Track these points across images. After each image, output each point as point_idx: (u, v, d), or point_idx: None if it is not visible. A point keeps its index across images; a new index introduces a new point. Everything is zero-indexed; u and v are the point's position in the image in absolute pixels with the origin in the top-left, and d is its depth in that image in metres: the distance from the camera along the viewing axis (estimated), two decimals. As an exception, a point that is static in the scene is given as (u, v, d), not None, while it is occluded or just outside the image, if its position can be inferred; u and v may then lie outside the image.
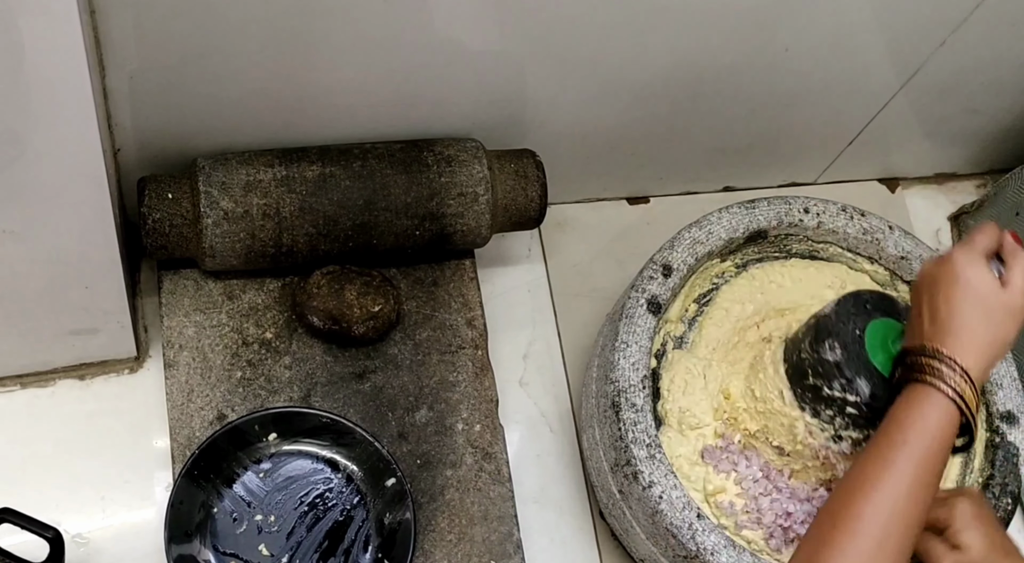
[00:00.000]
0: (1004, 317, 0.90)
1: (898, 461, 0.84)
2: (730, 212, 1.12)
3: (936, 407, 0.86)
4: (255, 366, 1.12)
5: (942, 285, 0.90)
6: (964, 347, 0.88)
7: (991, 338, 0.89)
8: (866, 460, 0.86)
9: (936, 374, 0.87)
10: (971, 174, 1.51)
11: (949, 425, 0.86)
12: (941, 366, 0.87)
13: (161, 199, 1.06)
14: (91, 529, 1.10)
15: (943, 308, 0.90)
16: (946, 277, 0.90)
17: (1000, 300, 0.89)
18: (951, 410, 0.86)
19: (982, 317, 0.89)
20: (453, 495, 1.12)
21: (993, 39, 1.19)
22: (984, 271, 0.90)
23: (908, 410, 0.87)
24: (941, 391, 0.87)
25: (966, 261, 0.90)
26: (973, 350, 0.88)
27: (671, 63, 1.13)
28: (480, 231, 1.14)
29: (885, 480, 0.84)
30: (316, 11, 0.95)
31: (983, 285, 0.89)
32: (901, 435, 0.86)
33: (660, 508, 0.99)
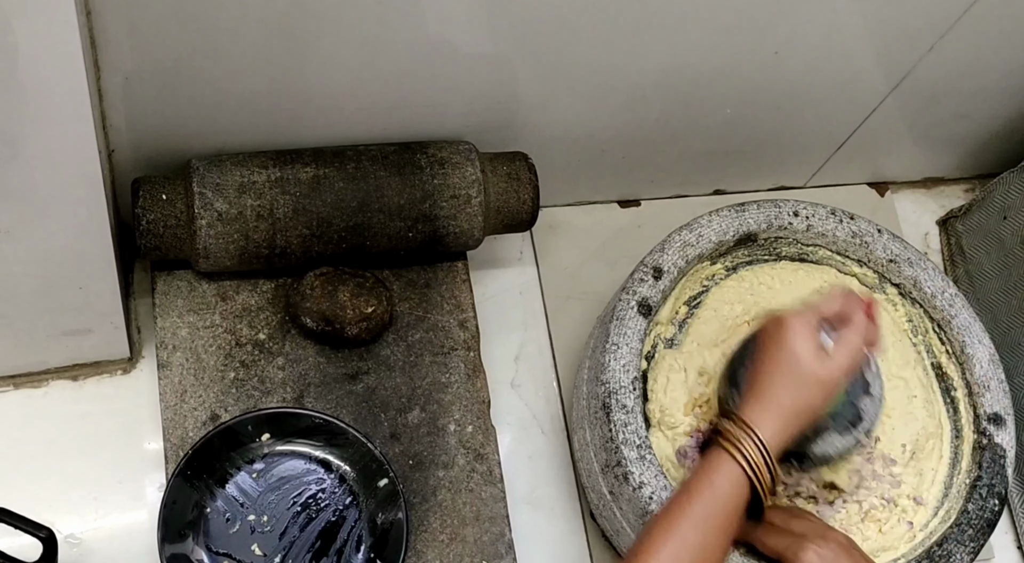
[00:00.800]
0: (813, 388, 0.91)
1: (683, 525, 0.86)
2: (720, 215, 1.12)
3: (727, 474, 0.88)
4: (248, 367, 1.12)
5: (767, 345, 0.92)
6: (767, 415, 0.90)
7: (797, 407, 0.91)
8: (656, 520, 0.88)
9: (732, 441, 0.89)
10: (959, 178, 1.52)
11: (738, 493, 0.88)
12: (739, 433, 0.89)
13: (155, 200, 1.06)
14: (84, 529, 1.10)
15: (760, 370, 0.92)
16: (772, 338, 0.92)
17: (814, 370, 0.91)
18: (742, 478, 0.88)
19: (791, 385, 0.91)
20: (445, 496, 1.12)
21: (981, 44, 1.20)
22: (807, 339, 0.91)
23: (701, 474, 0.89)
24: (734, 459, 0.88)
25: (796, 329, 0.91)
26: (776, 418, 0.90)
27: (662, 67, 1.14)
28: (473, 233, 1.15)
29: (670, 543, 0.85)
30: (309, 13, 0.96)
31: (802, 353, 0.91)
32: (688, 500, 0.87)
33: (650, 509, 1.00)
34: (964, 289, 1.37)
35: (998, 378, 1.11)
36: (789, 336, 0.91)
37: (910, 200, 1.50)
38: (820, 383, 0.91)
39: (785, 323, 0.92)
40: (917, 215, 1.49)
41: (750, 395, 0.92)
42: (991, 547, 1.29)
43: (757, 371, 0.93)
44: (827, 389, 0.92)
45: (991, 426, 1.10)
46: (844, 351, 0.93)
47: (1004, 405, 1.11)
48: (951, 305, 1.13)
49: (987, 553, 1.29)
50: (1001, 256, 1.33)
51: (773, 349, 0.92)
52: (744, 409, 0.91)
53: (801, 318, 0.92)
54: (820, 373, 0.91)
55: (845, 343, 0.93)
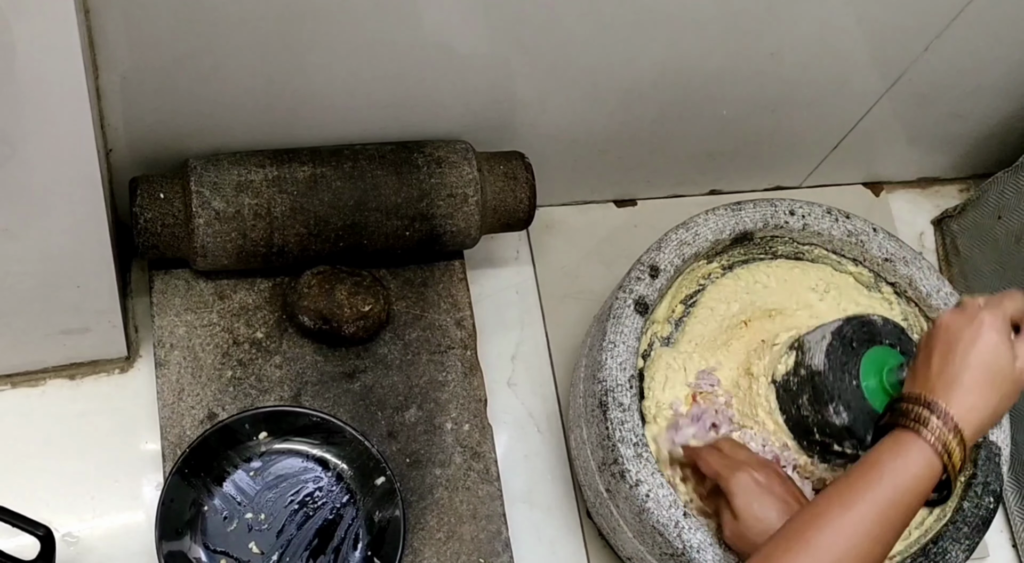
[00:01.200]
0: (1010, 389, 0.89)
1: (865, 501, 0.84)
2: (716, 214, 1.13)
3: (919, 457, 0.85)
4: (246, 365, 1.12)
5: (962, 341, 0.89)
6: (966, 407, 0.87)
7: (993, 406, 0.89)
8: (835, 491, 0.86)
9: (927, 425, 0.86)
10: (954, 178, 1.53)
11: (928, 478, 0.86)
12: (934, 418, 0.86)
13: (153, 199, 1.06)
14: (81, 528, 1.10)
15: (957, 363, 0.89)
16: (968, 334, 0.89)
17: (1013, 371, 0.89)
18: (934, 464, 0.85)
19: (992, 383, 0.88)
20: (442, 494, 1.13)
21: (975, 45, 1.20)
22: (1006, 339, 0.89)
23: (889, 454, 0.87)
24: (928, 442, 0.86)
25: (992, 325, 0.89)
26: (974, 413, 0.87)
27: (659, 67, 1.14)
28: (469, 232, 1.15)
29: (847, 516, 0.83)
30: (307, 13, 0.96)
31: (1002, 353, 0.88)
32: (876, 476, 0.85)
33: (647, 506, 1.00)
34: (959, 288, 1.37)
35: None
36: (990, 335, 0.89)
37: (905, 200, 1.50)
38: (1017, 385, 0.89)
39: (982, 320, 0.89)
40: (912, 215, 1.49)
41: (950, 387, 0.88)
42: (986, 545, 1.30)
43: (953, 363, 0.89)
44: (1019, 391, 0.90)
45: (986, 424, 1.10)
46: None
47: (999, 404, 1.11)
48: (946, 304, 1.14)
49: (982, 551, 1.29)
50: (996, 256, 1.34)
51: (972, 346, 0.89)
52: (946, 398, 0.88)
53: (996, 317, 0.90)
54: (1019, 374, 0.89)
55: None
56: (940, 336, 0.91)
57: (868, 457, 0.87)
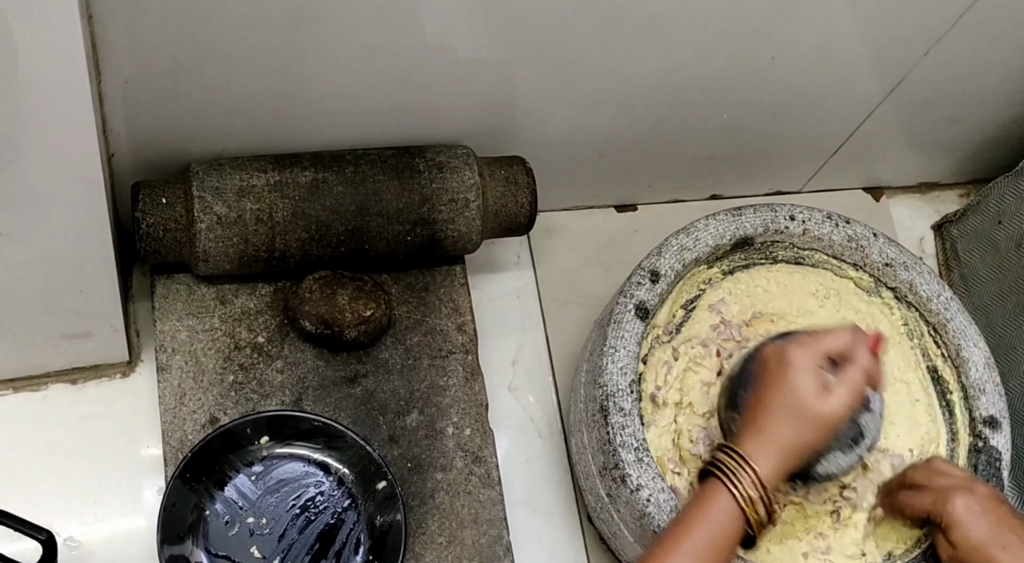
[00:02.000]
0: (815, 427, 0.91)
1: (679, 556, 0.87)
2: (717, 219, 1.13)
3: (723, 506, 0.89)
4: (247, 370, 1.13)
5: (768, 380, 0.92)
6: (765, 450, 0.90)
7: (796, 445, 0.91)
8: (653, 549, 0.88)
9: (729, 473, 0.89)
10: (954, 183, 1.53)
11: (732, 525, 0.89)
12: (736, 467, 0.89)
13: (155, 204, 1.07)
14: (83, 532, 1.10)
15: (763, 406, 0.92)
16: (776, 373, 0.91)
17: (815, 409, 0.90)
18: (736, 511, 0.88)
19: (793, 423, 0.90)
20: (443, 498, 1.13)
21: (976, 50, 1.20)
22: (809, 377, 0.90)
23: (697, 503, 0.90)
24: (730, 492, 0.89)
25: (800, 364, 0.91)
26: (773, 454, 0.90)
27: (659, 73, 1.14)
28: (471, 237, 1.15)
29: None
30: (309, 19, 0.96)
31: (806, 392, 0.90)
32: (684, 531, 0.88)
33: (648, 511, 1.00)
34: (959, 293, 1.37)
35: (993, 381, 1.12)
36: (792, 374, 0.90)
37: (905, 205, 1.50)
38: (823, 423, 0.90)
39: (789, 359, 0.91)
40: (912, 220, 1.49)
41: (750, 428, 0.92)
42: (986, 550, 1.30)
43: (757, 404, 0.92)
44: (829, 428, 0.91)
45: (987, 429, 1.10)
46: (847, 391, 0.91)
47: (999, 408, 1.11)
48: (946, 309, 1.14)
49: (982, 556, 1.29)
50: (996, 260, 1.34)
51: (775, 384, 0.91)
52: (743, 443, 0.91)
53: (805, 354, 0.91)
54: (823, 413, 0.90)
55: (849, 382, 0.91)
56: (757, 371, 0.94)
57: (684, 508, 0.92)
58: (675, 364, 1.10)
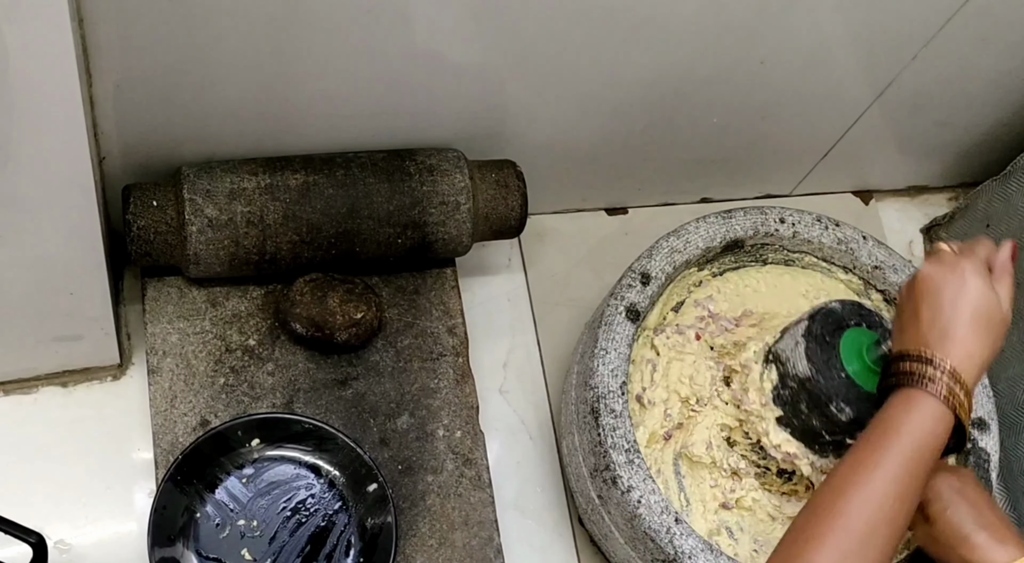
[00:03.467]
0: (999, 331, 0.91)
1: (888, 462, 0.84)
2: (707, 222, 1.13)
3: (930, 411, 0.86)
4: (238, 372, 1.13)
5: (947, 292, 0.90)
6: (962, 355, 0.88)
7: (987, 350, 0.90)
8: (855, 458, 0.86)
9: (932, 379, 0.87)
10: (943, 187, 1.54)
11: (941, 430, 0.86)
12: (937, 372, 0.87)
13: (146, 206, 1.07)
14: (74, 535, 1.10)
15: (947, 315, 0.89)
16: (953, 283, 0.90)
17: (1000, 313, 0.90)
18: (945, 415, 0.86)
19: (983, 328, 0.89)
20: (434, 500, 1.13)
21: (963, 54, 1.21)
22: (989, 285, 0.90)
23: (901, 413, 0.87)
24: (935, 396, 0.86)
25: (975, 270, 0.90)
26: (971, 360, 0.88)
27: (649, 76, 1.15)
28: (461, 240, 1.16)
29: (874, 480, 0.83)
30: (300, 22, 0.96)
31: (988, 298, 0.90)
32: (894, 436, 0.85)
33: (639, 512, 1.01)
34: (948, 296, 1.38)
35: (982, 383, 1.13)
36: (975, 282, 0.90)
37: (894, 208, 1.51)
38: (1007, 325, 0.91)
39: (963, 269, 0.90)
40: (901, 223, 1.50)
41: (944, 339, 0.89)
42: (975, 551, 1.30)
43: (943, 315, 0.90)
44: (1005, 331, 0.92)
45: (975, 431, 1.11)
46: (1009, 294, 0.92)
47: (988, 410, 1.12)
48: (935, 311, 1.14)
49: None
50: (984, 263, 1.34)
51: (960, 296, 0.89)
52: (943, 351, 0.88)
53: (978, 265, 0.91)
54: (1007, 318, 0.91)
55: (1008, 286, 0.92)
56: (923, 288, 0.92)
57: (881, 420, 0.88)
58: (658, 360, 1.10)
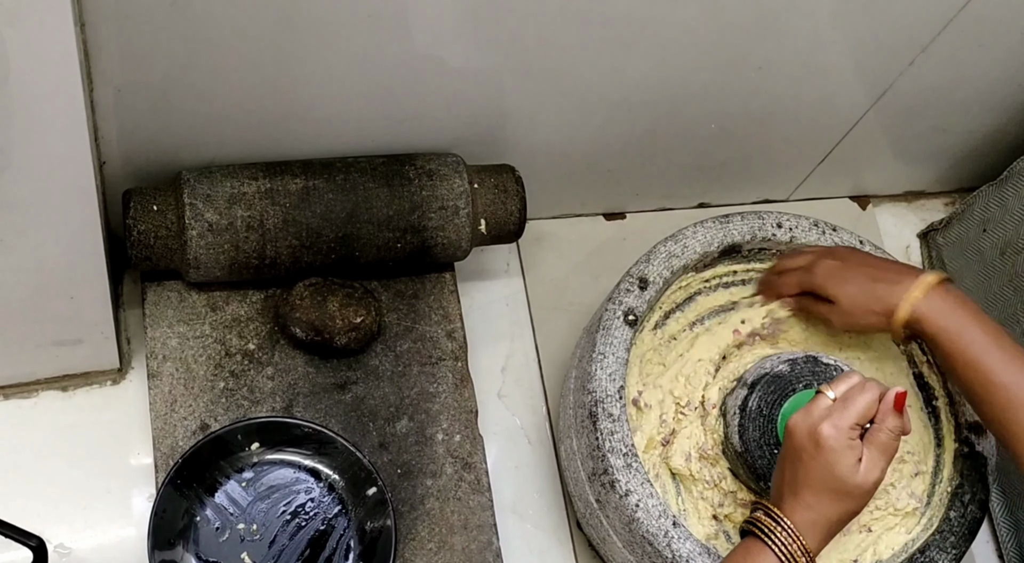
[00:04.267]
0: (859, 499, 0.92)
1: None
2: (705, 226, 1.14)
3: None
4: (238, 377, 1.13)
5: (803, 454, 0.92)
6: (808, 521, 0.91)
7: (839, 518, 0.92)
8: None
9: (774, 536, 0.91)
10: (940, 192, 1.54)
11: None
12: (779, 530, 0.91)
13: (146, 211, 1.07)
14: (74, 539, 1.10)
15: (799, 478, 0.92)
16: (809, 449, 0.92)
17: (858, 484, 0.91)
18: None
19: (831, 496, 0.91)
20: (433, 504, 1.13)
21: (960, 60, 1.21)
22: (846, 456, 0.91)
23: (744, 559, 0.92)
24: (775, 553, 0.90)
25: (833, 439, 0.91)
26: (816, 526, 0.91)
27: (647, 81, 1.15)
28: (460, 244, 1.16)
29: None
30: (300, 28, 0.97)
31: (841, 468, 0.91)
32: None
33: (637, 516, 1.01)
34: (945, 301, 1.38)
35: (980, 387, 1.13)
36: (830, 456, 0.91)
37: (891, 213, 1.51)
38: (866, 493, 0.92)
39: (823, 442, 0.91)
40: (898, 228, 1.50)
41: (794, 502, 0.92)
42: (972, 556, 1.30)
43: (796, 477, 0.92)
44: (870, 495, 0.93)
45: (972, 435, 1.11)
46: (883, 456, 0.92)
47: (984, 414, 1.12)
48: (932, 316, 1.15)
49: (967, 561, 1.30)
50: (981, 269, 1.35)
51: (811, 462, 0.91)
52: (791, 514, 0.91)
53: (838, 434, 0.91)
54: (866, 485, 0.91)
55: (882, 447, 0.92)
56: (789, 443, 0.94)
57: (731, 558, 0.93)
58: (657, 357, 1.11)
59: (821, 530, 0.91)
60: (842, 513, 0.92)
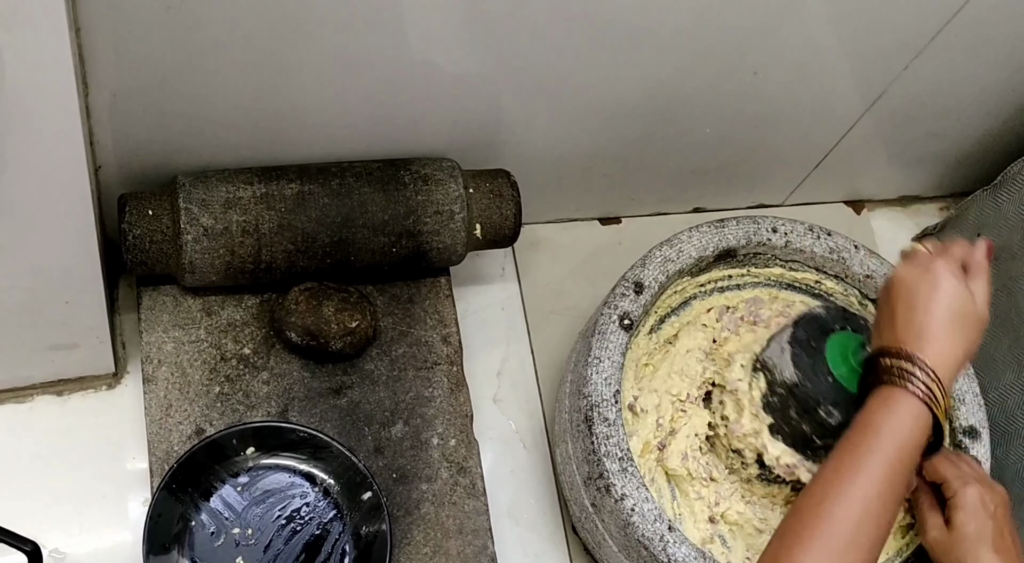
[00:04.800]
0: (975, 329, 0.93)
1: (870, 463, 0.85)
2: (700, 231, 1.14)
3: (908, 410, 0.88)
4: (233, 381, 1.13)
5: (921, 292, 0.92)
6: (937, 354, 0.90)
7: (962, 348, 0.92)
8: (838, 460, 0.87)
9: (908, 377, 0.89)
10: (934, 197, 1.54)
11: (920, 427, 0.88)
12: (914, 369, 0.89)
13: (141, 216, 1.07)
14: (68, 543, 1.10)
15: (921, 314, 0.91)
16: (927, 284, 0.92)
17: (975, 312, 0.92)
18: (923, 413, 0.88)
19: (958, 327, 0.91)
20: (428, 509, 1.13)
21: (954, 65, 1.22)
22: (963, 284, 0.92)
23: (880, 412, 0.89)
24: (913, 394, 0.88)
25: (948, 271, 0.92)
26: (945, 357, 0.90)
27: (642, 86, 1.15)
28: (456, 249, 1.16)
29: (857, 481, 0.85)
30: (295, 32, 0.97)
31: (962, 297, 0.92)
32: (874, 437, 0.87)
33: (632, 520, 1.01)
34: (939, 305, 1.38)
35: (973, 392, 1.13)
36: (948, 282, 0.92)
37: (886, 218, 1.52)
38: (981, 324, 0.93)
39: (936, 269, 0.92)
40: (893, 233, 1.51)
41: (921, 339, 0.91)
42: (967, 560, 1.30)
43: (917, 316, 0.92)
44: (983, 329, 0.94)
45: (967, 439, 1.11)
46: (985, 293, 0.94)
47: (979, 418, 1.12)
48: (927, 320, 1.15)
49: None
50: (975, 273, 1.35)
51: (934, 297, 0.91)
52: (920, 350, 0.90)
53: (952, 266, 0.93)
54: (983, 316, 0.93)
55: (983, 286, 0.94)
56: (899, 290, 0.94)
57: (861, 419, 0.89)
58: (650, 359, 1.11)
59: (952, 365, 0.90)
60: (968, 345, 0.92)
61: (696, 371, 1.11)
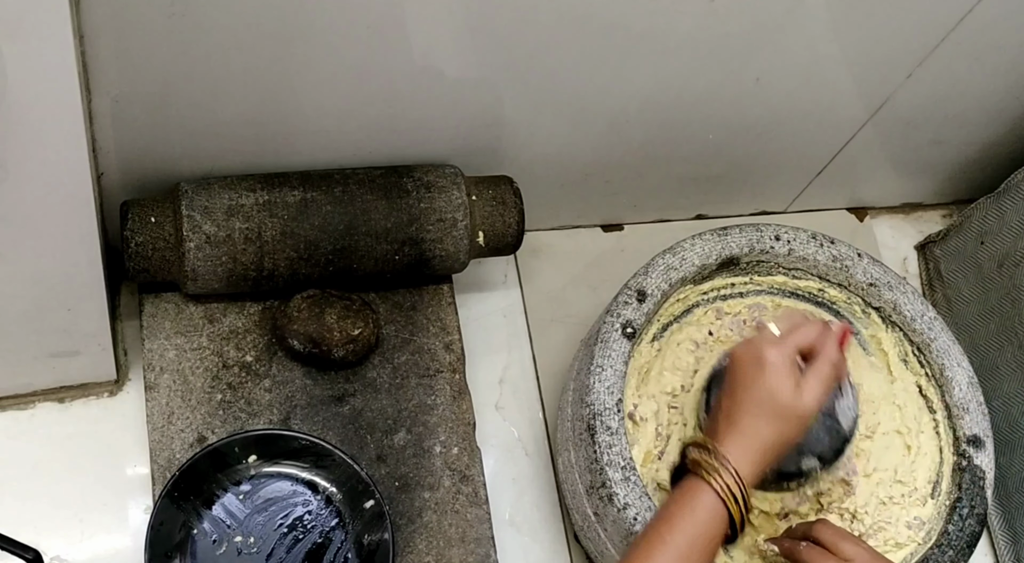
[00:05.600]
0: (793, 422, 0.92)
1: (663, 555, 0.86)
2: (703, 239, 1.14)
3: (704, 505, 0.89)
4: (235, 389, 1.13)
5: (744, 378, 0.93)
6: (741, 446, 0.91)
7: (774, 441, 0.92)
8: (634, 548, 0.88)
9: (712, 472, 0.90)
10: (937, 204, 1.54)
11: (716, 522, 0.89)
12: (716, 464, 0.90)
13: (144, 223, 1.07)
14: (70, 551, 1.10)
15: (737, 404, 0.92)
16: (752, 371, 0.93)
17: (793, 405, 0.91)
18: (719, 508, 0.89)
19: (768, 419, 0.91)
20: (431, 517, 1.13)
21: (958, 72, 1.22)
22: (789, 375, 0.92)
23: (678, 504, 0.90)
24: (712, 488, 0.89)
25: (775, 360, 0.92)
26: (749, 450, 0.91)
27: (645, 93, 1.15)
28: (458, 256, 1.16)
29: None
30: (298, 38, 0.97)
31: (781, 388, 0.91)
32: (668, 530, 0.88)
33: (635, 530, 1.01)
34: (942, 313, 1.38)
35: (977, 401, 1.13)
36: (770, 374, 0.92)
37: (889, 225, 1.51)
38: (800, 418, 0.92)
39: (764, 359, 0.92)
40: (896, 240, 1.50)
41: (727, 427, 0.92)
42: (971, 568, 1.30)
43: (734, 403, 0.93)
44: (805, 422, 0.93)
45: (971, 448, 1.11)
46: (820, 384, 0.93)
47: (983, 427, 1.12)
48: (930, 328, 1.15)
49: (967, 574, 1.30)
50: (979, 281, 1.35)
51: (752, 384, 0.92)
52: (723, 441, 0.91)
53: (779, 353, 0.93)
54: (800, 408, 0.92)
55: (820, 376, 0.93)
56: (731, 370, 0.95)
57: (663, 509, 0.91)
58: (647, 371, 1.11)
59: (755, 454, 0.91)
60: (777, 436, 0.92)
61: (688, 363, 1.11)
